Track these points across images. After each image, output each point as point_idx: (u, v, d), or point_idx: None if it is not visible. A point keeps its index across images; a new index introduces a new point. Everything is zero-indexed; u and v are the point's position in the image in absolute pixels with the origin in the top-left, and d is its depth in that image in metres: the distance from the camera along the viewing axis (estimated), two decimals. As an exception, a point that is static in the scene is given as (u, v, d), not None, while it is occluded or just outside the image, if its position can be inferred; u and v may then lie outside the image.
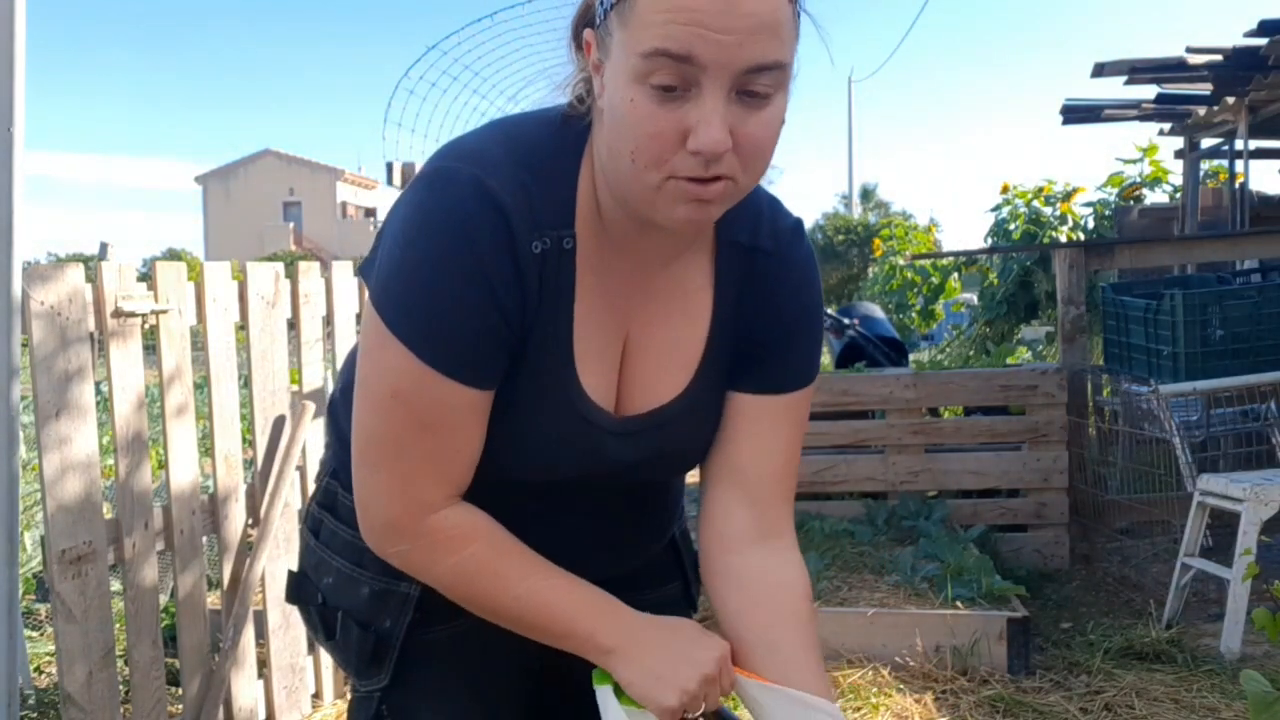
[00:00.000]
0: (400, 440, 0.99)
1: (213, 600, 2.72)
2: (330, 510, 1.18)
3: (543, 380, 1.01)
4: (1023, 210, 8.10)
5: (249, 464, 2.75)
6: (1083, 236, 7.79)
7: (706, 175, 0.90)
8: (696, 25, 0.85)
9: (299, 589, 1.20)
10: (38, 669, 3.14)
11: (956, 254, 9.27)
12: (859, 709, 2.81)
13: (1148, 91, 6.64)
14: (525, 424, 1.02)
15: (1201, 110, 6.74)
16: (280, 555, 2.73)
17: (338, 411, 1.20)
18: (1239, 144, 6.72)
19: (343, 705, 2.93)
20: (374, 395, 0.99)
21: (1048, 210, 8.04)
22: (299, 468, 2.78)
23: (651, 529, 1.21)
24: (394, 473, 1.00)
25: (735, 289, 1.08)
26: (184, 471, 2.48)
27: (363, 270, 1.03)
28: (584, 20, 0.97)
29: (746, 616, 1.09)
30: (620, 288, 1.04)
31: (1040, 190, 8.16)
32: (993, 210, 8.32)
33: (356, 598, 1.14)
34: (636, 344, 1.06)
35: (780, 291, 1.09)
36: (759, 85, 0.89)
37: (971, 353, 8.25)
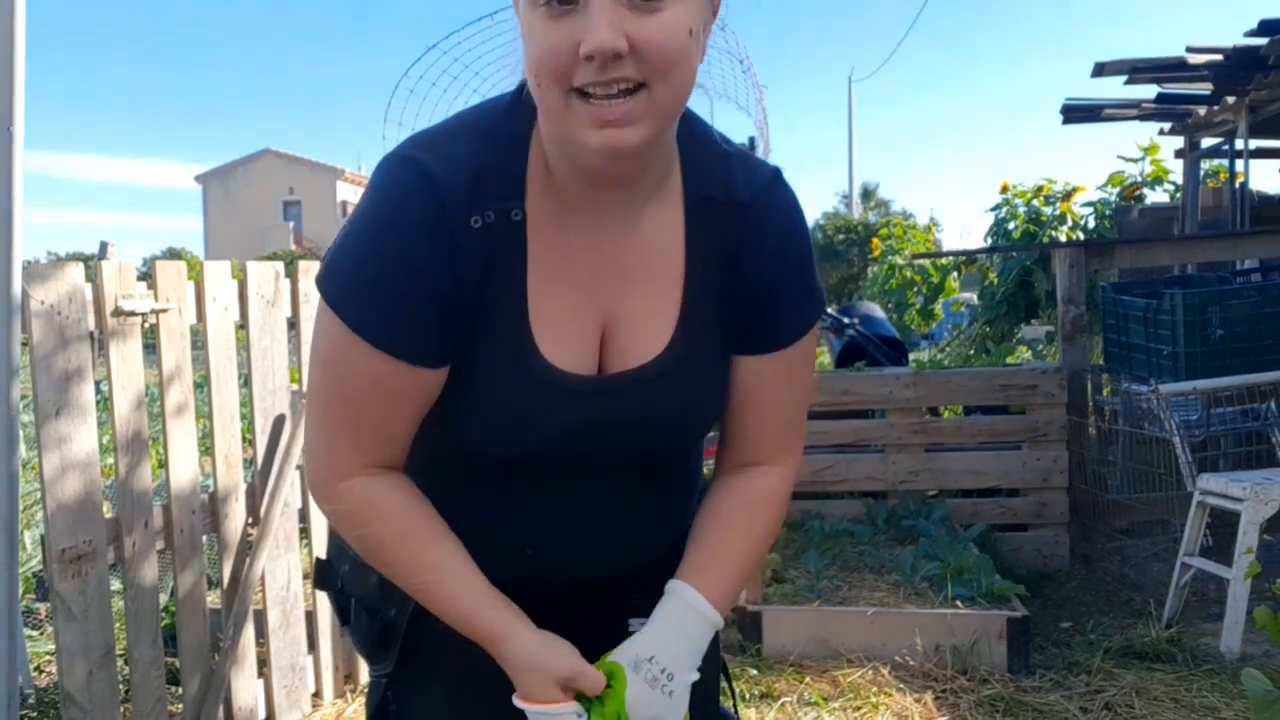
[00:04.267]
0: (326, 404, 1.05)
1: (213, 600, 2.72)
2: None
3: (502, 351, 1.03)
4: (1022, 210, 8.10)
5: (249, 463, 2.75)
6: (1083, 236, 7.79)
7: (604, 80, 0.91)
8: None
9: (323, 575, 1.26)
10: (38, 669, 3.15)
11: (956, 254, 9.28)
12: (859, 709, 2.81)
13: (1148, 91, 6.64)
14: (490, 396, 1.04)
15: (1201, 110, 6.74)
16: (280, 555, 2.73)
17: None
18: (1239, 144, 6.72)
19: (342, 705, 2.93)
20: (312, 360, 1.06)
21: (1048, 210, 8.04)
22: (299, 467, 2.78)
23: (660, 520, 1.20)
24: (320, 434, 1.06)
25: (715, 245, 1.08)
26: (184, 471, 2.48)
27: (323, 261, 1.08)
28: None
29: (690, 534, 1.18)
30: (587, 255, 1.05)
31: (1040, 190, 8.16)
32: (992, 210, 8.33)
33: (366, 585, 1.17)
34: (616, 311, 1.07)
35: (767, 241, 1.09)
36: None
37: (971, 352, 8.24)
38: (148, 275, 2.42)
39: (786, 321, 1.12)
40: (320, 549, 2.86)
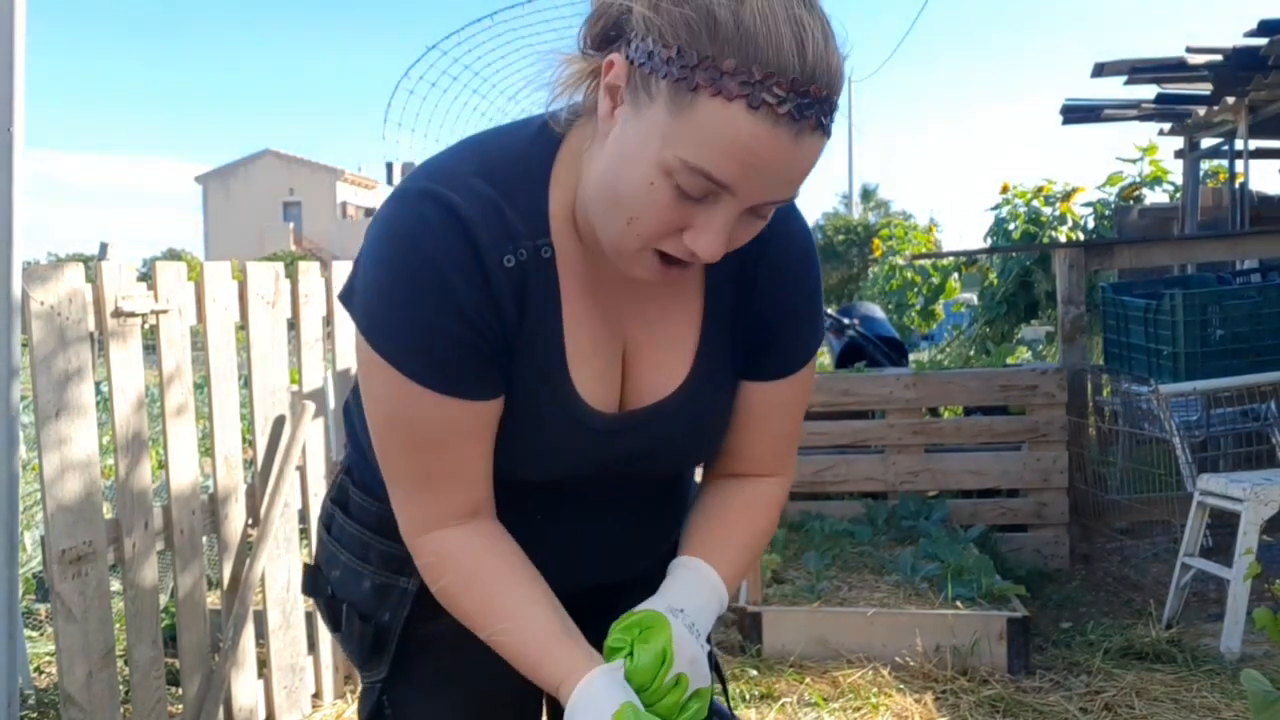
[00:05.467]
0: (399, 461, 1.02)
1: (213, 600, 2.72)
2: (342, 506, 1.21)
3: (536, 387, 1.01)
4: (1022, 210, 8.09)
5: (249, 464, 2.75)
6: (1083, 236, 7.79)
7: (687, 262, 0.93)
8: (751, 167, 0.85)
9: (312, 581, 1.24)
10: (38, 669, 3.14)
11: (956, 254, 9.28)
12: (859, 709, 2.81)
13: (1148, 91, 6.64)
14: (520, 429, 1.02)
15: (1201, 110, 6.74)
16: (280, 555, 2.73)
17: (350, 410, 1.22)
18: (1239, 144, 6.72)
19: (342, 705, 2.93)
20: (373, 419, 1.01)
21: (1047, 210, 8.04)
22: (299, 468, 2.78)
23: (663, 525, 1.21)
24: (401, 491, 1.03)
25: (730, 273, 1.07)
26: (184, 471, 2.48)
27: (343, 298, 1.03)
28: (609, 29, 0.93)
29: (686, 526, 1.16)
30: (609, 288, 1.03)
31: (1040, 190, 8.16)
32: (993, 210, 8.32)
33: (359, 591, 1.16)
34: (636, 343, 1.06)
35: (781, 270, 1.08)
36: (769, 208, 0.91)
37: (971, 353, 8.24)
38: (148, 276, 2.42)
39: (795, 349, 1.11)
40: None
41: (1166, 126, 7.52)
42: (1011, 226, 8.04)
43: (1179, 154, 7.67)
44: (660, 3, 0.86)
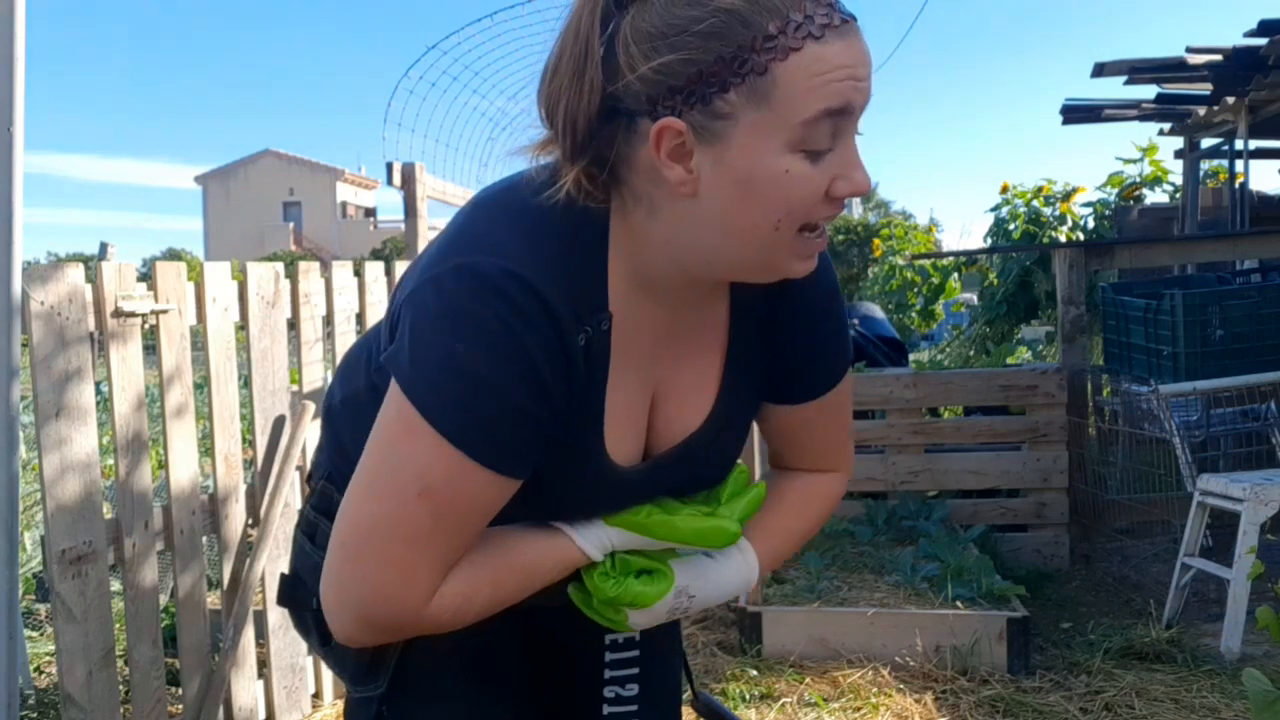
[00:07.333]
0: (415, 537, 0.93)
1: (213, 600, 2.72)
2: (327, 514, 1.14)
3: (570, 450, 1.00)
4: (1022, 210, 8.09)
5: (249, 464, 2.75)
6: (1083, 236, 7.79)
7: (835, 215, 0.95)
8: (850, 78, 0.89)
9: (292, 593, 1.18)
10: (38, 669, 3.14)
11: (956, 254, 9.27)
12: (859, 709, 2.81)
13: (1148, 91, 6.65)
14: (550, 487, 1.01)
15: (1201, 110, 6.74)
16: (280, 555, 2.73)
17: (336, 418, 1.18)
18: (1239, 144, 6.73)
19: (343, 705, 2.92)
20: (393, 489, 0.93)
21: (1047, 210, 8.04)
22: (299, 468, 2.78)
23: None
24: (400, 569, 0.94)
25: (757, 305, 1.07)
26: (184, 471, 2.48)
27: (389, 361, 0.97)
28: (593, 126, 0.92)
29: None
30: (649, 344, 1.03)
31: (1040, 190, 8.16)
32: (992, 210, 8.32)
33: None
34: (663, 387, 1.06)
35: (805, 295, 1.08)
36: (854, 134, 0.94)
37: (971, 353, 8.24)
38: (148, 276, 2.42)
39: (827, 371, 1.12)
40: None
41: (1166, 126, 7.53)
42: (1011, 227, 8.04)
43: (1179, 154, 7.67)
44: (661, 47, 0.88)
